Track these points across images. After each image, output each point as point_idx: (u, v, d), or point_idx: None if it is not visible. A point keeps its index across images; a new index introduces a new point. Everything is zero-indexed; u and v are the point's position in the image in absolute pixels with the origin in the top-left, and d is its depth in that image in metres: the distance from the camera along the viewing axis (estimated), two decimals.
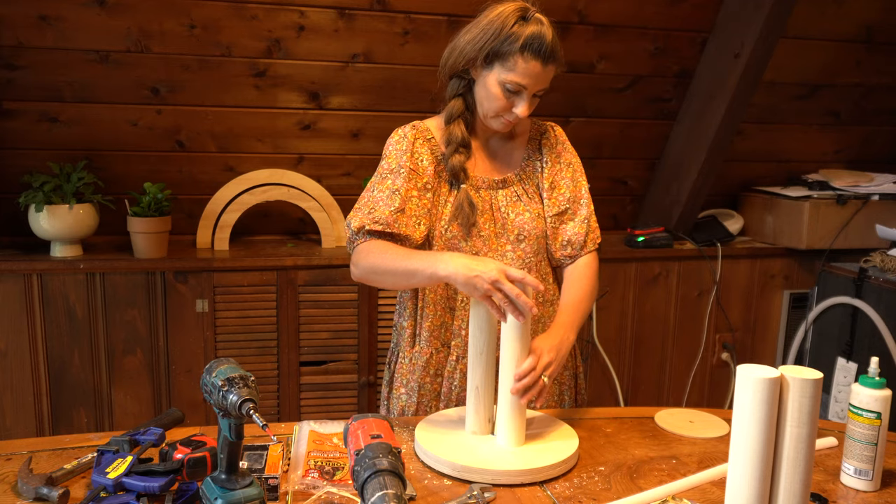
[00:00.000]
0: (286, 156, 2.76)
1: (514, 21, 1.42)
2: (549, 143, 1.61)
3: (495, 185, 1.56)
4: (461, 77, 1.53)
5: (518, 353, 1.32)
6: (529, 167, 1.60)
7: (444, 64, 1.54)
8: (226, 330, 2.53)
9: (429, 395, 1.57)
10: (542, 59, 1.42)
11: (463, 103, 1.54)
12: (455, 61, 1.50)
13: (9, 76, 2.41)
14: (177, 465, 1.15)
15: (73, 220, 2.44)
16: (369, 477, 1.01)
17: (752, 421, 1.03)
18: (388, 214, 1.47)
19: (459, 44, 1.49)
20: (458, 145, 1.52)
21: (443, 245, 1.53)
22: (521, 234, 1.55)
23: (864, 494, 1.25)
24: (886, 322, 2.70)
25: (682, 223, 3.05)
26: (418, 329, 1.57)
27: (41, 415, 2.44)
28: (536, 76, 1.43)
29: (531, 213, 1.56)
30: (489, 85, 1.46)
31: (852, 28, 2.92)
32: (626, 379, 2.98)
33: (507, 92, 1.45)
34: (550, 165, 1.59)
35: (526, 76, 1.43)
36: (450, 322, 1.56)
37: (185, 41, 2.45)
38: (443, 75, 1.56)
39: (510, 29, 1.42)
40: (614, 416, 1.55)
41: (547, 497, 1.21)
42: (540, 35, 1.41)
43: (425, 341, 1.56)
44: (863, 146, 3.30)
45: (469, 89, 1.53)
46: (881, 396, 1.25)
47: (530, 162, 1.60)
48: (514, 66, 1.42)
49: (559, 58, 1.45)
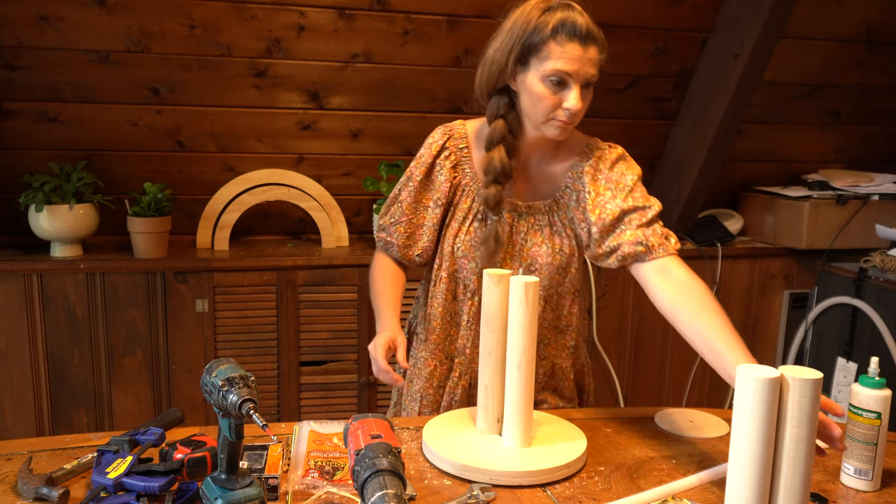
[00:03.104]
0: (286, 156, 2.76)
1: (539, 13, 1.32)
2: (591, 172, 1.44)
3: (520, 209, 1.48)
4: (501, 93, 1.41)
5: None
6: (564, 198, 1.47)
7: (478, 83, 1.43)
8: (226, 330, 2.53)
9: (430, 406, 1.58)
10: (579, 40, 1.29)
11: (505, 125, 1.41)
12: (489, 74, 1.39)
13: (9, 76, 2.41)
14: (177, 465, 1.15)
15: (73, 220, 2.44)
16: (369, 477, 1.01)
17: (752, 421, 1.03)
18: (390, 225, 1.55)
19: (488, 55, 1.39)
20: (495, 175, 1.40)
21: (452, 261, 1.51)
22: (533, 265, 1.47)
23: (864, 494, 1.25)
24: (886, 322, 2.70)
25: (682, 223, 3.05)
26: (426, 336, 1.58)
27: (41, 415, 2.44)
28: (578, 59, 1.30)
29: (549, 247, 1.47)
30: (531, 86, 1.34)
31: (852, 28, 2.91)
32: (626, 379, 2.98)
33: (552, 86, 1.32)
34: (593, 196, 1.43)
35: (566, 60, 1.30)
36: (455, 336, 1.55)
37: (185, 41, 2.45)
38: (481, 95, 1.44)
39: (537, 20, 1.31)
40: (614, 416, 1.55)
41: (547, 497, 1.21)
42: (570, 17, 1.30)
43: (430, 353, 1.56)
44: (863, 146, 3.30)
45: (511, 107, 1.41)
46: (881, 396, 1.25)
47: (566, 192, 1.47)
48: (550, 53, 1.30)
49: (599, 39, 1.32)
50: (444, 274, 1.52)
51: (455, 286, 1.53)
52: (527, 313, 1.30)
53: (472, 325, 1.52)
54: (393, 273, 1.58)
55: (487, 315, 1.36)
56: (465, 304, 1.53)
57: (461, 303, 1.53)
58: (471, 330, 1.52)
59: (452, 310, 1.54)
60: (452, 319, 1.54)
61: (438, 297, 1.53)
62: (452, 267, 1.51)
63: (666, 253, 1.39)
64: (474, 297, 1.51)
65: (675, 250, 1.40)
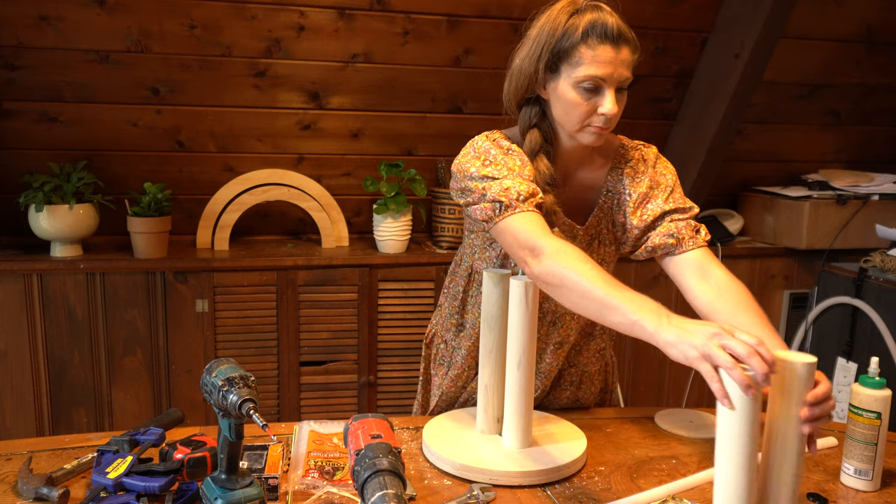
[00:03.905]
0: (286, 156, 2.76)
1: (567, 17, 1.27)
2: (631, 173, 1.40)
3: (571, 228, 1.40)
4: (531, 103, 1.35)
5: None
6: (607, 203, 1.42)
7: (506, 95, 1.37)
8: (226, 330, 2.53)
9: (448, 401, 1.58)
10: (612, 41, 1.24)
11: (541, 135, 1.34)
12: (518, 84, 1.33)
13: (9, 76, 2.41)
14: (177, 465, 1.15)
15: (73, 220, 2.44)
16: (369, 477, 1.01)
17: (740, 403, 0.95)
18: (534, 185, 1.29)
19: (515, 65, 1.33)
20: (545, 184, 1.32)
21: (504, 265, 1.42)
22: None
23: (864, 494, 1.25)
24: (886, 322, 2.70)
25: None
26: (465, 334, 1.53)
27: (41, 415, 2.44)
28: (611, 62, 1.24)
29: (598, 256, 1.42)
30: (562, 93, 1.28)
31: (852, 28, 2.91)
32: (626, 379, 2.98)
33: (585, 92, 1.26)
34: (630, 197, 1.40)
35: (599, 64, 1.24)
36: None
37: (185, 41, 2.45)
38: (510, 107, 1.38)
39: (565, 25, 1.26)
40: (614, 416, 1.55)
41: (547, 497, 1.21)
42: (600, 18, 1.24)
43: (462, 359, 1.54)
44: (863, 146, 3.30)
45: (542, 116, 1.35)
46: (881, 396, 1.25)
47: (608, 197, 1.42)
48: (582, 58, 1.24)
49: (631, 39, 1.27)
50: None
51: None
52: (527, 313, 1.30)
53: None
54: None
55: (487, 315, 1.36)
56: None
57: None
58: None
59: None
60: None
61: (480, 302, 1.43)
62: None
63: (696, 245, 1.35)
64: None
65: (704, 242, 1.36)
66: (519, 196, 1.25)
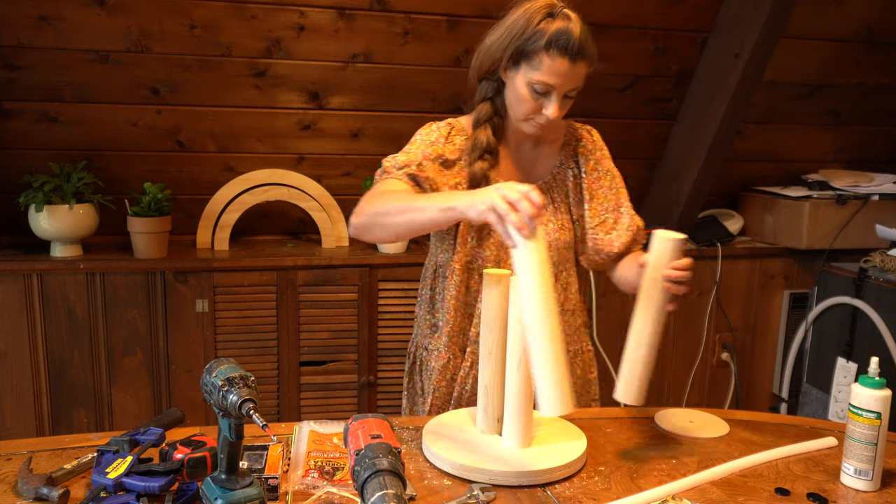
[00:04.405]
0: (286, 156, 2.76)
1: (539, 18, 1.36)
2: (585, 151, 1.55)
3: None
4: (490, 80, 1.47)
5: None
6: (560, 175, 1.54)
7: (472, 68, 1.48)
8: (226, 330, 2.53)
9: (442, 399, 1.58)
10: (570, 56, 1.35)
11: (491, 107, 1.48)
12: (482, 63, 1.45)
13: (9, 76, 2.41)
14: (177, 465, 1.15)
15: (73, 220, 2.44)
16: (369, 477, 1.01)
17: (521, 242, 1.17)
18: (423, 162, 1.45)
19: (486, 45, 1.44)
20: (482, 151, 1.46)
21: (464, 252, 1.51)
22: None
23: (864, 494, 1.25)
24: (886, 322, 2.70)
25: (682, 223, 3.05)
26: (438, 328, 1.57)
27: (41, 415, 2.44)
28: (564, 75, 1.36)
29: (555, 223, 1.52)
30: (517, 86, 1.40)
31: (852, 28, 2.91)
32: None
33: (535, 93, 1.39)
34: (588, 175, 1.54)
35: (553, 75, 1.36)
36: (468, 328, 1.56)
37: (185, 41, 2.45)
38: (472, 79, 1.50)
39: (535, 26, 1.36)
40: (614, 416, 1.55)
41: (547, 497, 1.21)
42: (566, 31, 1.34)
43: (444, 346, 1.56)
44: (863, 146, 3.30)
45: (498, 92, 1.47)
46: (881, 396, 1.25)
47: (562, 170, 1.55)
48: (540, 64, 1.36)
49: (590, 55, 1.38)
50: (457, 266, 1.52)
51: (468, 277, 1.53)
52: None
53: None
54: None
55: (487, 315, 1.36)
56: (479, 294, 1.53)
57: (475, 293, 1.53)
58: None
59: (466, 301, 1.54)
60: (466, 311, 1.55)
61: (452, 290, 1.53)
62: (466, 258, 1.52)
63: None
64: None
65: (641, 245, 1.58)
66: (395, 164, 1.44)
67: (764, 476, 1.31)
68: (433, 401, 1.58)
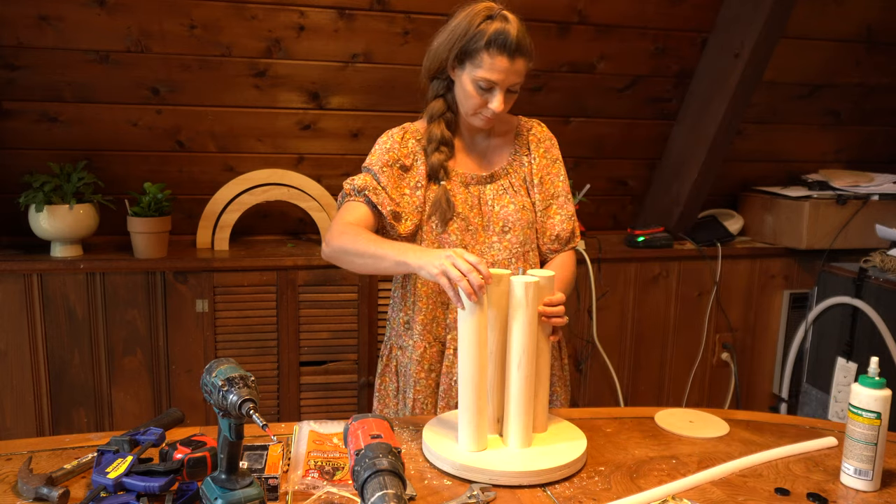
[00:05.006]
0: (286, 156, 2.76)
1: (480, 20, 1.47)
2: (536, 139, 1.66)
3: (483, 180, 1.60)
4: (440, 78, 1.58)
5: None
6: (517, 162, 1.64)
7: (423, 67, 1.59)
8: (226, 330, 2.53)
9: (425, 392, 1.58)
10: (508, 54, 1.45)
11: (444, 103, 1.58)
12: (431, 64, 1.56)
13: (9, 76, 2.41)
14: (177, 465, 1.15)
15: (73, 220, 2.44)
16: (369, 477, 1.01)
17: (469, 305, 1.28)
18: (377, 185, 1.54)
19: (433, 46, 1.55)
20: (438, 143, 1.57)
21: (432, 240, 1.56)
22: (506, 225, 1.59)
23: (864, 494, 1.25)
24: (886, 322, 2.70)
25: (682, 223, 3.05)
26: (411, 322, 1.59)
27: (41, 415, 2.44)
28: (505, 71, 1.46)
29: (516, 204, 1.60)
30: (464, 84, 1.51)
31: (852, 28, 2.91)
32: (626, 379, 2.98)
33: (480, 89, 1.49)
34: (539, 161, 1.64)
35: (494, 71, 1.46)
36: (442, 317, 1.58)
37: (185, 41, 2.45)
38: (423, 79, 1.61)
39: (476, 28, 1.47)
40: (614, 416, 1.55)
41: (547, 497, 1.21)
42: (504, 31, 1.45)
43: (418, 335, 1.59)
44: (863, 146, 3.30)
45: (449, 89, 1.58)
46: (881, 396, 1.25)
47: (517, 157, 1.64)
48: (482, 62, 1.46)
49: (527, 51, 1.48)
50: None
51: None
52: (527, 313, 1.30)
53: None
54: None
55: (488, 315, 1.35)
56: None
57: None
58: None
59: (438, 289, 1.57)
60: (438, 299, 1.58)
61: (422, 279, 1.55)
62: (435, 245, 1.56)
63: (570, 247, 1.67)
64: None
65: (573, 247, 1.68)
66: (354, 188, 1.55)
67: (764, 476, 1.31)
68: (415, 395, 1.59)
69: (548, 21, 2.63)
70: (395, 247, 1.42)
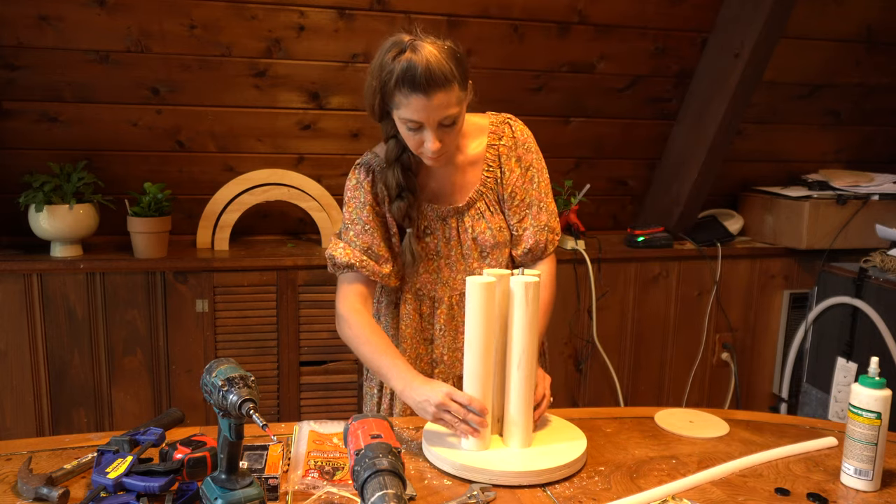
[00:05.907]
0: (286, 156, 2.76)
1: (392, 56, 1.31)
2: (507, 149, 1.51)
3: (460, 211, 1.51)
4: (386, 118, 1.43)
5: None
6: (490, 178, 1.52)
7: (367, 109, 1.46)
8: (226, 330, 2.52)
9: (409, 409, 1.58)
10: (421, 90, 1.28)
11: (397, 145, 1.44)
12: (368, 106, 1.42)
13: (9, 76, 2.41)
14: (177, 465, 1.16)
15: (73, 220, 2.44)
16: (369, 477, 1.01)
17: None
18: (361, 255, 1.48)
19: (364, 89, 1.41)
20: (397, 191, 1.45)
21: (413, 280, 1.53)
22: (485, 250, 1.52)
23: (864, 494, 1.25)
24: (886, 322, 2.70)
25: (682, 223, 3.05)
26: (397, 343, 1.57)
27: (41, 415, 2.44)
28: (424, 108, 1.30)
29: (493, 228, 1.51)
30: (398, 124, 1.38)
31: (852, 28, 2.91)
32: (626, 379, 2.98)
33: (410, 130, 1.35)
34: (508, 175, 1.51)
35: (413, 111, 1.31)
36: (424, 352, 1.57)
37: (185, 41, 2.45)
38: (372, 118, 1.46)
39: (389, 65, 1.31)
40: (614, 416, 1.55)
41: (547, 497, 1.21)
42: (411, 66, 1.28)
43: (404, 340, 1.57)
44: (863, 146, 3.30)
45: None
46: (881, 396, 1.25)
47: (490, 173, 1.52)
48: (399, 103, 1.32)
49: (446, 81, 1.29)
50: (409, 295, 1.54)
51: (420, 303, 1.55)
52: (527, 313, 1.30)
53: (446, 333, 1.55)
54: (374, 324, 1.50)
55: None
56: (435, 316, 1.55)
57: (428, 317, 1.55)
58: (445, 338, 1.55)
59: (421, 327, 1.56)
60: (421, 336, 1.56)
61: (406, 319, 1.55)
62: (416, 285, 1.54)
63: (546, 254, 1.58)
64: (441, 305, 1.54)
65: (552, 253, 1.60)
66: (340, 265, 1.47)
67: (764, 476, 1.31)
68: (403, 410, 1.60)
69: (548, 21, 2.63)
70: (390, 367, 1.39)
